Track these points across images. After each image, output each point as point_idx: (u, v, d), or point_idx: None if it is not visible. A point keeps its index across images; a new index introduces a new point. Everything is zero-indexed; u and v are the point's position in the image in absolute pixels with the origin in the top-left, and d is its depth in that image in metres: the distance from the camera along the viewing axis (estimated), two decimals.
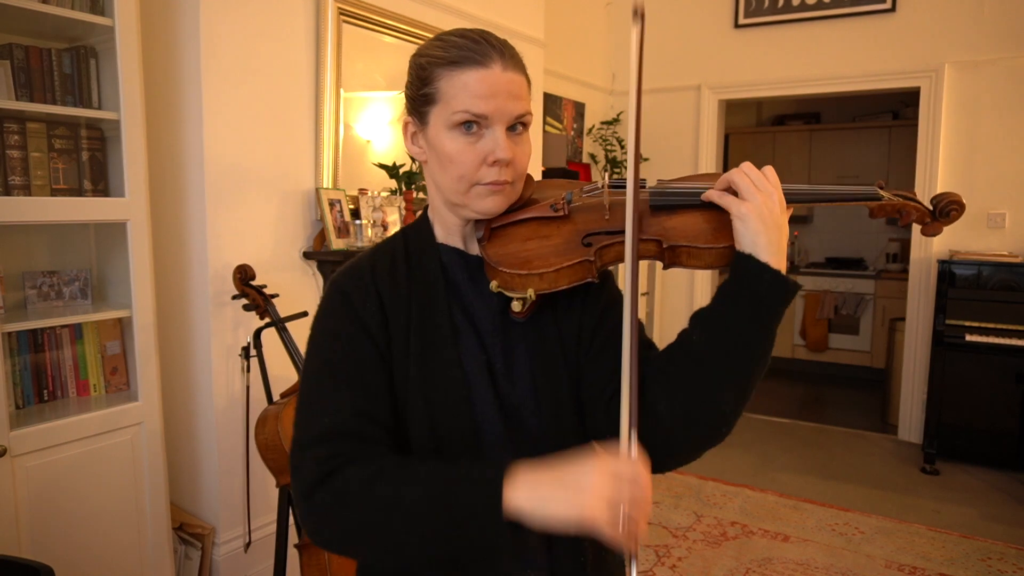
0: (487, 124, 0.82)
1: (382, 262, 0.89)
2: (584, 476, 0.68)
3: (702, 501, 3.27)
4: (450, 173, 0.84)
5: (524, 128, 0.85)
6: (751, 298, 0.77)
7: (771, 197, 0.79)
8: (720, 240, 0.81)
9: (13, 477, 1.69)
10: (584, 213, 0.88)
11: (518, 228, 0.88)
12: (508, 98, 0.81)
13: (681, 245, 0.82)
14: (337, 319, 0.85)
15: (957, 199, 0.86)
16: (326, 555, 1.81)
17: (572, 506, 0.67)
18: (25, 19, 1.77)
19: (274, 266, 2.37)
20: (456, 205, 0.87)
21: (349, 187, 2.63)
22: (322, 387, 0.83)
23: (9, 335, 1.78)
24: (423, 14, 2.92)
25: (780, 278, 0.77)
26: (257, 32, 2.28)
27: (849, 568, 2.67)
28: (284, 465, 1.85)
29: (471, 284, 0.90)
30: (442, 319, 0.86)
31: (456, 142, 0.82)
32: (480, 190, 0.84)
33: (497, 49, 0.82)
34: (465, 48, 0.81)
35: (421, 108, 0.86)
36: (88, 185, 1.92)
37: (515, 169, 0.85)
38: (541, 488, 0.69)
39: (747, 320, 0.77)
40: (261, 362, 2.07)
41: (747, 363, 0.78)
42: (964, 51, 3.89)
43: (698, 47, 4.67)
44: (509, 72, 0.82)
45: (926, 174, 4.03)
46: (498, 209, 0.86)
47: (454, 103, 0.81)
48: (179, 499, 2.36)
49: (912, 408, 4.15)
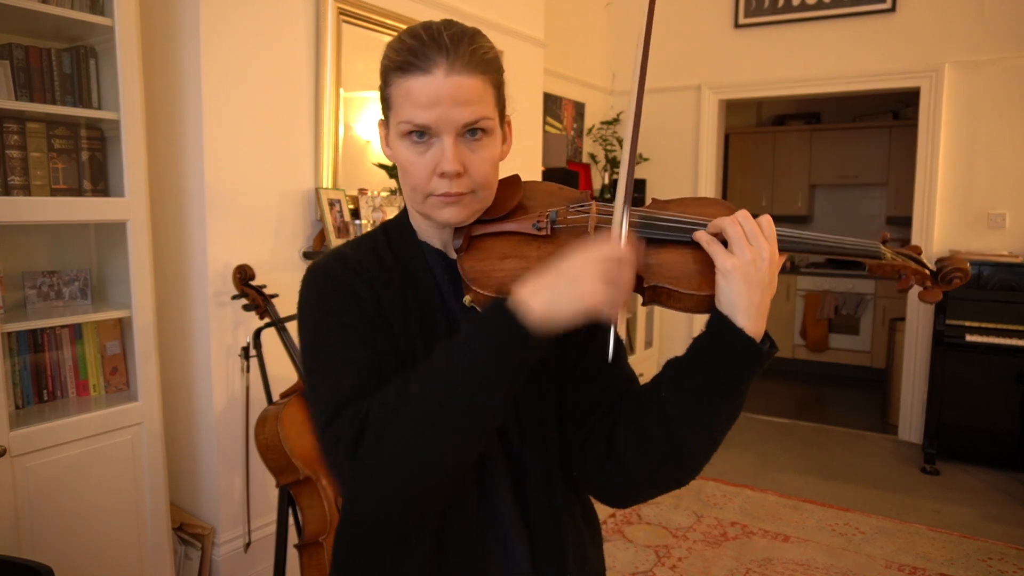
0: (434, 133, 0.77)
1: (368, 258, 0.85)
2: (576, 268, 0.70)
3: (702, 501, 3.27)
4: (406, 183, 0.81)
5: (484, 133, 0.79)
6: (722, 363, 0.75)
7: (762, 253, 0.74)
8: (704, 287, 0.78)
9: (13, 477, 1.69)
10: (567, 234, 0.83)
11: (497, 242, 0.84)
12: (452, 105, 0.75)
13: (662, 286, 0.79)
14: (331, 297, 0.81)
15: (963, 268, 0.82)
16: (326, 555, 1.81)
17: (572, 302, 0.69)
18: (25, 19, 1.77)
19: (274, 266, 2.37)
20: (420, 213, 0.84)
21: (349, 187, 2.63)
22: (333, 358, 0.78)
23: (9, 335, 1.78)
24: (423, 14, 2.92)
25: (754, 346, 0.74)
26: (257, 32, 2.28)
27: (849, 568, 2.67)
28: (284, 465, 1.85)
29: (452, 288, 0.87)
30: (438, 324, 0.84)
31: (407, 152, 0.79)
32: (434, 201, 0.80)
33: (444, 51, 0.75)
34: (411, 51, 0.76)
35: (385, 111, 0.83)
36: (88, 185, 1.92)
37: (472, 179, 0.79)
38: (545, 295, 0.70)
39: (716, 384, 0.76)
40: (261, 362, 2.07)
41: (714, 422, 0.77)
42: (964, 51, 3.88)
43: (698, 47, 4.67)
44: (455, 76, 0.75)
45: (926, 174, 4.03)
46: (458, 220, 0.81)
47: (401, 112, 0.78)
48: (179, 499, 2.36)
49: (912, 408, 4.15)
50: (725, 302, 0.74)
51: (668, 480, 0.82)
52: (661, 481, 0.82)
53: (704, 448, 0.79)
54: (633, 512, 3.12)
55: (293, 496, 1.90)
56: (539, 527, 0.85)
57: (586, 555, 0.91)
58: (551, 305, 0.69)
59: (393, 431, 0.69)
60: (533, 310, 0.69)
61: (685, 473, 0.81)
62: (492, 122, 0.80)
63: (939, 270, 0.84)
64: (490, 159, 0.80)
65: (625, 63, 4.91)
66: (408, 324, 0.83)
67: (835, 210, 6.45)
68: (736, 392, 0.76)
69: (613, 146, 4.80)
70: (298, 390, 1.95)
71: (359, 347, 0.78)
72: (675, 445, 0.78)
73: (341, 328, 0.79)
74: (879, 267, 0.84)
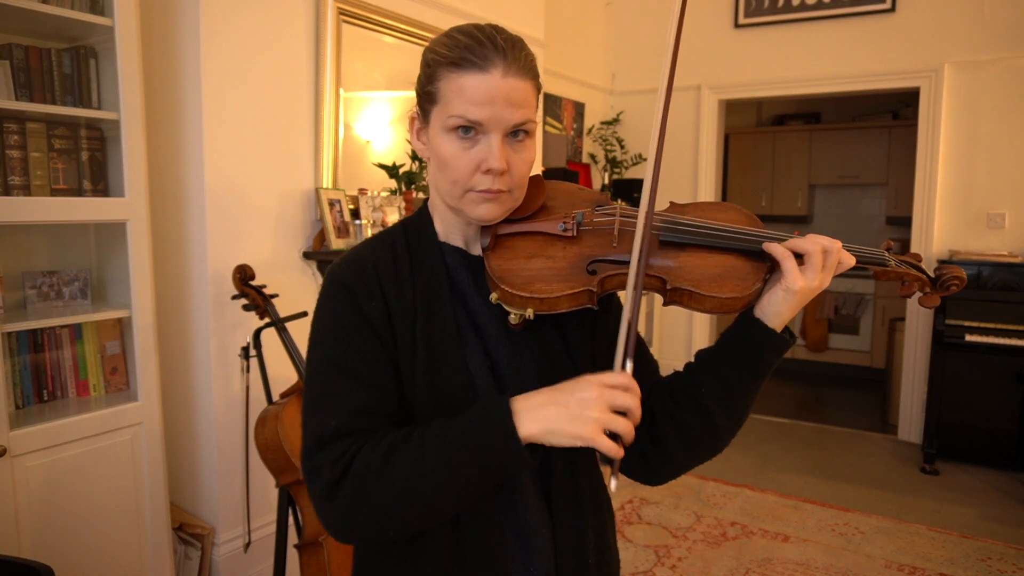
0: (483, 131, 0.79)
1: (384, 258, 0.86)
2: (581, 393, 0.72)
3: (702, 501, 3.27)
4: (445, 176, 0.82)
5: (526, 135, 0.82)
6: (754, 357, 0.82)
7: (824, 283, 0.80)
8: (724, 290, 0.81)
9: (13, 477, 1.69)
10: (592, 236, 0.86)
11: (524, 241, 0.86)
12: (506, 106, 0.78)
13: (684, 288, 0.82)
14: (341, 316, 0.82)
15: (960, 275, 0.87)
16: (326, 555, 1.81)
17: (574, 425, 0.70)
18: (25, 19, 1.77)
19: (274, 266, 2.37)
20: (453, 208, 0.85)
21: (349, 187, 2.63)
22: (328, 388, 0.80)
23: (9, 335, 1.78)
24: (423, 14, 2.92)
25: (783, 341, 0.82)
26: (257, 32, 2.28)
27: (849, 568, 2.67)
28: (284, 465, 1.85)
29: (474, 287, 0.88)
30: (448, 325, 0.85)
31: (452, 146, 0.80)
32: (473, 196, 0.81)
33: (501, 52, 0.78)
34: (467, 49, 0.78)
35: (425, 105, 0.84)
36: (88, 185, 1.92)
37: (512, 178, 0.81)
38: (546, 413, 0.72)
39: (748, 375, 0.83)
40: (261, 362, 2.07)
41: (745, 405, 0.85)
42: (964, 51, 3.89)
43: (698, 47, 4.67)
44: (511, 78, 0.78)
45: (926, 174, 4.03)
46: (492, 217, 0.83)
47: (451, 107, 0.79)
48: (179, 499, 2.36)
49: (912, 408, 4.16)
50: (771, 311, 0.81)
51: (702, 457, 0.89)
52: (696, 459, 0.89)
53: (735, 427, 0.86)
54: (633, 512, 3.12)
55: (293, 496, 1.90)
56: (561, 515, 0.87)
57: (606, 543, 0.94)
58: (548, 432, 0.72)
59: (368, 492, 0.74)
60: (529, 431, 0.72)
61: (717, 449, 0.88)
62: (534, 126, 0.83)
63: (937, 277, 0.87)
64: (529, 161, 0.83)
65: (625, 63, 4.91)
66: (416, 327, 0.84)
67: (835, 210, 6.45)
68: (765, 377, 0.84)
69: (612, 146, 4.80)
70: (298, 390, 1.95)
71: (353, 383, 0.80)
72: (710, 427, 0.84)
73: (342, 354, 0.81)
74: (884, 273, 0.88)
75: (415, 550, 0.84)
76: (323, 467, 0.76)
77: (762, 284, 0.83)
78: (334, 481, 0.75)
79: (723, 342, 0.84)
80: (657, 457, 0.88)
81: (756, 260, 0.84)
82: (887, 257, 0.87)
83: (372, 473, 0.74)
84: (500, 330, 0.87)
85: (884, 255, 0.87)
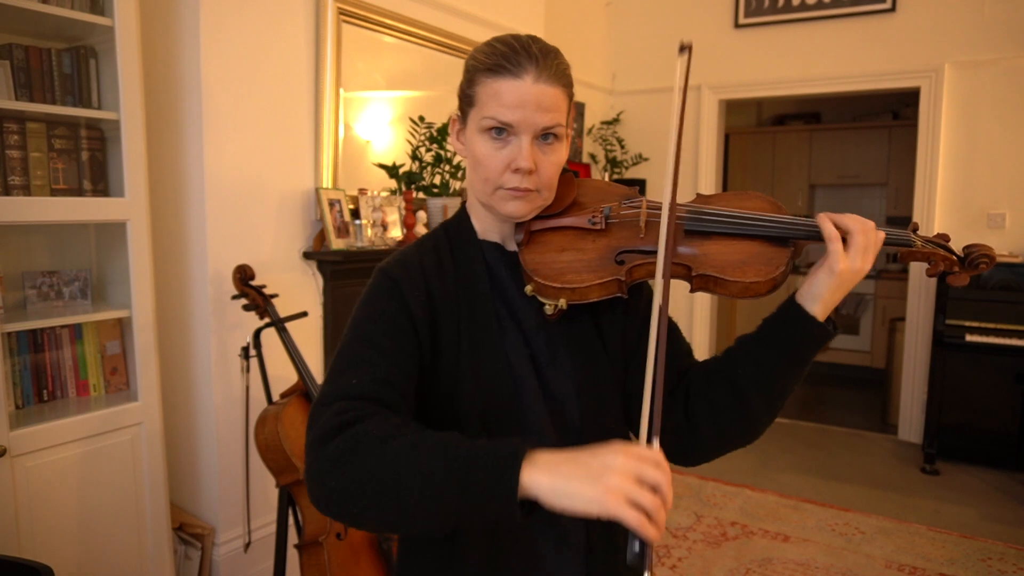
0: (514, 132, 0.85)
1: (429, 258, 0.92)
2: (606, 458, 0.66)
3: (702, 501, 3.27)
4: (478, 174, 0.88)
5: (555, 139, 0.87)
6: (796, 344, 0.85)
7: (866, 267, 0.83)
8: (748, 274, 0.84)
9: (13, 477, 1.69)
10: (619, 229, 0.91)
11: (555, 235, 0.92)
12: (536, 110, 0.83)
13: (710, 274, 0.85)
14: (384, 302, 0.87)
15: (990, 253, 0.87)
16: (326, 555, 1.81)
17: (594, 487, 0.64)
18: (25, 19, 1.77)
19: (274, 266, 2.37)
20: (485, 204, 0.91)
21: (349, 187, 2.63)
22: (356, 356, 0.83)
23: (9, 335, 1.78)
24: (423, 14, 2.92)
25: (825, 330, 0.84)
26: (257, 32, 2.28)
27: (849, 568, 2.67)
28: (284, 465, 1.85)
29: (512, 280, 0.94)
30: (488, 316, 0.90)
31: (485, 146, 0.86)
32: (503, 194, 0.87)
33: (534, 60, 0.83)
34: (503, 56, 0.84)
35: (464, 108, 0.90)
36: (88, 185, 1.92)
37: (540, 178, 0.86)
38: (561, 468, 0.66)
39: (789, 362, 0.85)
40: (261, 362, 2.07)
41: (784, 393, 0.87)
42: (964, 51, 3.88)
43: (698, 47, 4.63)
44: (542, 84, 0.83)
45: (926, 174, 4.03)
46: (521, 213, 0.89)
47: (485, 109, 0.85)
48: (179, 499, 2.36)
49: (912, 408, 4.15)
50: (813, 294, 0.84)
51: (736, 442, 0.91)
52: (729, 443, 0.91)
53: (770, 413, 0.88)
54: None
55: (293, 496, 1.91)
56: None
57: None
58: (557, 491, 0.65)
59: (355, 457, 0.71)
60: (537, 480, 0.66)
61: (753, 435, 0.90)
62: (563, 129, 0.88)
63: (966, 256, 0.88)
64: (557, 163, 0.88)
65: (625, 63, 4.91)
66: (459, 321, 0.89)
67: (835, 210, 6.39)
68: (803, 365, 0.86)
69: (613, 146, 4.80)
70: (298, 390, 1.96)
71: (379, 356, 0.82)
72: (744, 411, 0.87)
73: (375, 332, 0.84)
74: (910, 254, 0.89)
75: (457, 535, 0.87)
76: (328, 415, 0.76)
77: (785, 268, 0.85)
78: (332, 429, 0.74)
79: (764, 327, 0.88)
80: (690, 437, 0.90)
81: (779, 246, 0.87)
82: (912, 238, 0.88)
83: (368, 440, 0.72)
84: (537, 320, 0.92)
85: (910, 236, 0.88)
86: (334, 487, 0.72)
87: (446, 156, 2.87)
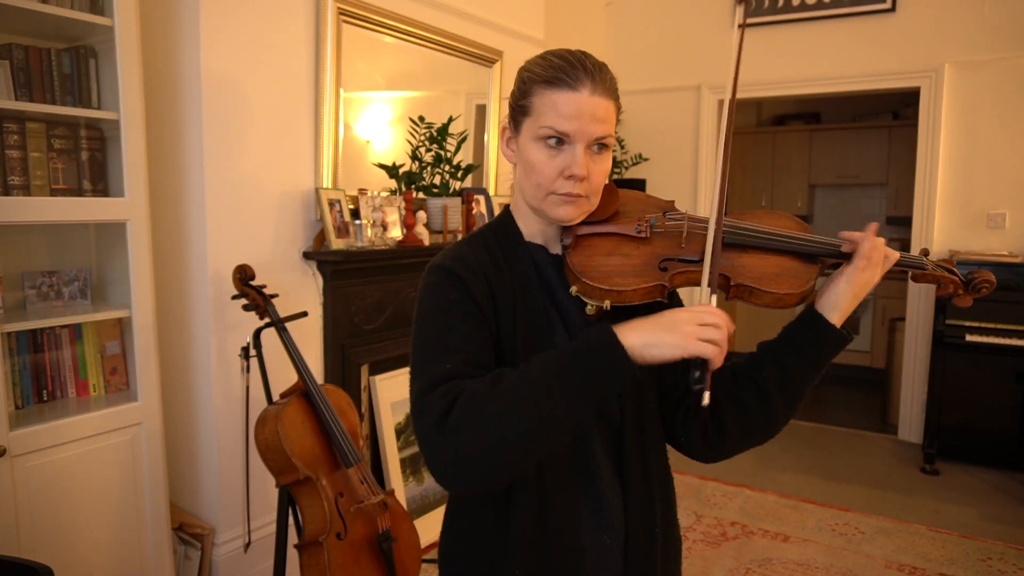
0: (569, 141, 0.89)
1: (482, 255, 0.95)
2: (673, 315, 0.80)
3: (702, 501, 3.27)
4: (531, 180, 0.93)
5: (605, 148, 0.92)
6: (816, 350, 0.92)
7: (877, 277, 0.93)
8: (783, 287, 0.92)
9: (13, 477, 1.69)
10: (663, 238, 0.97)
11: (602, 241, 0.97)
12: (591, 121, 0.88)
13: (747, 284, 0.92)
14: (450, 292, 0.90)
15: (990, 279, 0.98)
16: (326, 555, 1.81)
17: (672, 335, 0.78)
18: (25, 19, 1.77)
19: (274, 266, 2.37)
20: (535, 208, 0.96)
21: (349, 187, 2.63)
22: (440, 344, 0.87)
23: (9, 335, 1.78)
24: (423, 14, 2.92)
25: (843, 337, 0.92)
26: (257, 32, 2.28)
27: (849, 568, 2.67)
28: (284, 465, 1.86)
29: (558, 280, 0.98)
30: (539, 311, 0.95)
31: (540, 153, 0.91)
32: (555, 199, 0.92)
33: (590, 74, 0.89)
34: (561, 69, 0.89)
35: (517, 117, 0.94)
36: (88, 185, 1.92)
37: (590, 184, 0.91)
38: (644, 327, 0.80)
39: (809, 366, 0.93)
40: (261, 362, 2.07)
41: (802, 395, 0.95)
42: (964, 51, 3.88)
43: (698, 47, 4.66)
44: (597, 96, 0.88)
45: (926, 174, 4.03)
46: (571, 217, 0.94)
47: (542, 119, 0.90)
48: (179, 499, 2.36)
49: (912, 408, 4.15)
50: (831, 302, 0.92)
51: (756, 439, 0.98)
52: (750, 440, 0.98)
53: (789, 413, 0.95)
54: None
55: (293, 496, 1.91)
56: (632, 490, 0.96)
57: (671, 517, 1.04)
58: (647, 345, 0.78)
59: (476, 413, 0.78)
60: (631, 341, 0.78)
61: (771, 433, 0.97)
62: (613, 140, 0.94)
63: (969, 280, 0.99)
64: (605, 171, 0.94)
65: (625, 63, 4.91)
66: (515, 314, 0.94)
67: (835, 210, 6.45)
68: (821, 368, 0.93)
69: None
70: (298, 390, 1.96)
71: (462, 340, 0.87)
72: (767, 411, 0.94)
73: (451, 320, 0.89)
74: (922, 276, 0.99)
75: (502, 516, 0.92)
76: (433, 401, 0.81)
77: (814, 283, 0.93)
78: (444, 410, 0.79)
79: (786, 334, 0.95)
80: (715, 433, 0.97)
81: (809, 262, 0.96)
82: (925, 261, 0.99)
83: (480, 395, 0.79)
84: (581, 319, 0.97)
85: (923, 260, 0.99)
86: (471, 453, 0.77)
87: (446, 156, 2.87)
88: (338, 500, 1.90)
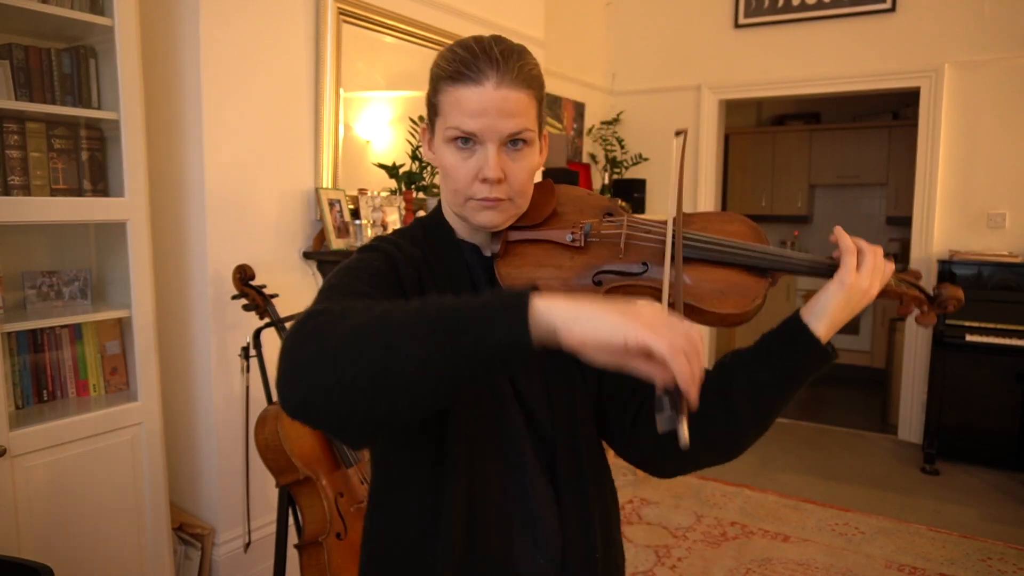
0: (478, 141, 0.81)
1: (413, 249, 0.88)
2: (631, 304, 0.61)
3: (702, 501, 3.27)
4: (448, 185, 0.85)
5: (525, 144, 0.83)
6: (794, 362, 0.82)
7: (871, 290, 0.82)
8: (726, 305, 0.82)
9: (13, 477, 1.69)
10: (599, 247, 0.87)
11: (533, 249, 0.88)
12: (499, 116, 0.79)
13: (687, 302, 0.82)
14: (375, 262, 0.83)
15: (958, 296, 0.88)
16: (326, 555, 1.81)
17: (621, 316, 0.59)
18: (25, 19, 1.77)
19: (274, 266, 2.37)
20: (458, 215, 0.88)
21: (349, 187, 2.63)
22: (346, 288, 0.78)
23: (9, 335, 1.78)
24: (423, 14, 2.92)
25: (825, 352, 0.82)
26: (257, 32, 2.28)
27: (849, 568, 2.67)
28: (284, 465, 1.85)
29: (489, 285, 0.91)
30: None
31: (452, 156, 0.83)
32: (474, 204, 0.84)
33: (495, 64, 0.79)
34: (462, 62, 0.80)
35: (431, 117, 0.87)
36: (88, 185, 1.92)
37: (511, 186, 0.83)
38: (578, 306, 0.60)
39: (784, 379, 0.83)
40: (261, 362, 2.07)
41: (774, 411, 0.85)
42: (964, 51, 3.88)
43: (698, 47, 4.67)
44: (504, 89, 0.79)
45: (926, 174, 4.03)
46: (494, 223, 0.85)
47: (449, 118, 0.82)
48: (179, 499, 2.36)
49: (912, 408, 4.15)
50: (820, 307, 0.81)
51: (718, 456, 0.88)
52: (711, 457, 0.88)
53: (758, 431, 0.85)
54: (633, 512, 3.12)
55: (293, 496, 1.90)
56: (568, 508, 0.87)
57: (612, 537, 0.95)
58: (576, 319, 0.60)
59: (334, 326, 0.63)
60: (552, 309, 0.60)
61: (737, 451, 0.87)
62: (533, 134, 0.84)
63: (936, 296, 0.89)
64: (528, 169, 0.84)
65: (625, 63, 4.91)
66: None
67: (835, 210, 6.45)
68: (800, 386, 0.83)
69: (613, 146, 4.80)
70: None
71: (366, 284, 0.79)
72: (732, 426, 0.84)
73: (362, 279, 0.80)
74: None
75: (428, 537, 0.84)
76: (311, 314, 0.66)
77: (762, 300, 0.83)
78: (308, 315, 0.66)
79: (763, 342, 0.85)
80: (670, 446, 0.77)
81: (759, 276, 0.84)
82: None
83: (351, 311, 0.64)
84: None
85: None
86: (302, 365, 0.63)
87: None
88: (338, 500, 1.90)
